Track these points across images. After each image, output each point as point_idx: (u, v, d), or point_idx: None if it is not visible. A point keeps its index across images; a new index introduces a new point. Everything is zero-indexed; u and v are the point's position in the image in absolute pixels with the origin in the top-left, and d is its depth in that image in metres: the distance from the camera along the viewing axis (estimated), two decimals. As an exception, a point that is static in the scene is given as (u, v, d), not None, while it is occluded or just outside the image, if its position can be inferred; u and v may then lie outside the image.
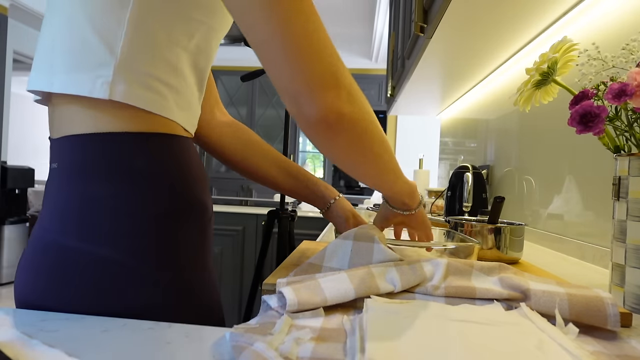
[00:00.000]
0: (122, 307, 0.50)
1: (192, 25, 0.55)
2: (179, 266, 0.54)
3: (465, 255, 0.63)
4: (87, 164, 0.51)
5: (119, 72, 0.50)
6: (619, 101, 0.54)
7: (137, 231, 0.51)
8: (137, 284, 0.51)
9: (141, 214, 0.52)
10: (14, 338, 0.36)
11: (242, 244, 2.33)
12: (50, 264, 0.51)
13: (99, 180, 0.51)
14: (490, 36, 1.24)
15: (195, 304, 0.56)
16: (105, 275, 0.50)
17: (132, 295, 0.51)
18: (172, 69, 0.54)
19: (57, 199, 0.53)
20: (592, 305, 0.44)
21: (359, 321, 0.41)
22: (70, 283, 0.50)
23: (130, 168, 0.51)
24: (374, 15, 4.03)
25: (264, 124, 5.15)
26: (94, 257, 0.50)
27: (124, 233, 0.51)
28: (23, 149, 7.93)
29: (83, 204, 0.51)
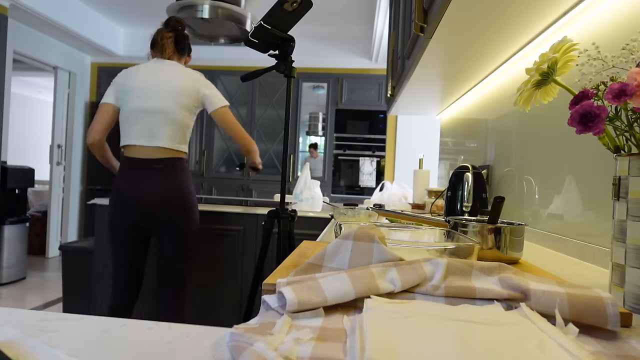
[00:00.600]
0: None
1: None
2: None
3: (465, 255, 0.63)
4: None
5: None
6: (619, 101, 0.54)
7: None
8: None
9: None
10: (14, 338, 0.36)
11: (242, 244, 2.33)
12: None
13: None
14: (490, 36, 1.24)
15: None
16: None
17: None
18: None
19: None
20: (592, 305, 0.44)
21: (359, 321, 0.41)
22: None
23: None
24: (374, 15, 4.03)
25: (264, 124, 5.15)
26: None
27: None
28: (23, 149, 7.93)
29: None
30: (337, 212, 1.42)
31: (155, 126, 1.82)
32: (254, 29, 1.62)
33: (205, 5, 2.46)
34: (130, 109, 1.84)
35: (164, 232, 1.84)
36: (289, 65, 1.71)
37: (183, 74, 1.89)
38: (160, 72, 1.87)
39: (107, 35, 4.95)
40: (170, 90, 1.83)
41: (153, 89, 1.83)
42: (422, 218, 0.93)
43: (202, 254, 2.35)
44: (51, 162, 5.01)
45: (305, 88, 5.21)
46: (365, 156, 5.06)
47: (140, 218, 1.82)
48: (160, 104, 1.82)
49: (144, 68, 1.89)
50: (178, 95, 1.84)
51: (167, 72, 1.87)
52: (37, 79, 7.00)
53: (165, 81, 1.85)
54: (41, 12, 3.94)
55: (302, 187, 2.79)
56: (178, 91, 1.84)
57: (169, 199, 1.80)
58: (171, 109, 1.83)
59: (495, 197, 0.82)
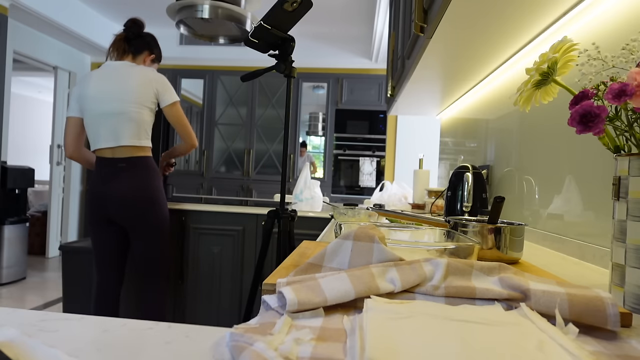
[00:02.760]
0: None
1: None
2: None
3: (465, 255, 0.63)
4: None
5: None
6: (619, 101, 0.54)
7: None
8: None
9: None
10: (14, 338, 0.36)
11: (242, 244, 2.33)
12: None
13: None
14: (490, 36, 1.24)
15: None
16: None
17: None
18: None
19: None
20: (592, 305, 0.44)
21: (359, 321, 0.41)
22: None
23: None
24: (374, 15, 4.03)
25: (264, 124, 5.15)
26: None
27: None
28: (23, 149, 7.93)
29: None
30: (337, 212, 1.42)
31: (115, 127, 1.90)
32: (254, 29, 1.62)
33: (205, 5, 2.46)
34: (91, 115, 1.94)
35: (133, 229, 1.93)
36: (289, 65, 1.71)
37: (134, 73, 1.94)
38: (111, 75, 1.94)
39: (107, 35, 4.95)
40: (123, 91, 1.90)
41: (107, 92, 1.91)
42: (422, 218, 0.93)
43: (201, 254, 2.35)
44: (51, 162, 5.01)
45: (305, 88, 5.20)
46: (365, 156, 5.06)
47: (110, 215, 1.92)
48: (117, 105, 1.90)
49: (96, 74, 1.97)
50: (132, 94, 1.90)
51: (118, 74, 1.94)
52: (37, 79, 7.00)
53: (118, 83, 1.92)
54: (41, 12, 3.94)
55: (302, 187, 2.79)
56: (131, 90, 1.90)
57: (134, 196, 1.89)
58: (127, 109, 1.90)
59: (495, 197, 0.82)
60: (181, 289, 2.36)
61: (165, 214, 1.99)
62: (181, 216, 2.34)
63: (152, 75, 1.96)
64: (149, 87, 1.93)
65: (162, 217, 1.96)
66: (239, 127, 5.16)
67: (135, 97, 1.90)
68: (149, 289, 1.96)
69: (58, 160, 5.05)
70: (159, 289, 1.97)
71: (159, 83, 1.97)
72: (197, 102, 5.35)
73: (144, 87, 1.92)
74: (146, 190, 1.91)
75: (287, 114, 1.73)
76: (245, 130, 5.14)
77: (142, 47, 2.06)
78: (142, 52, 2.07)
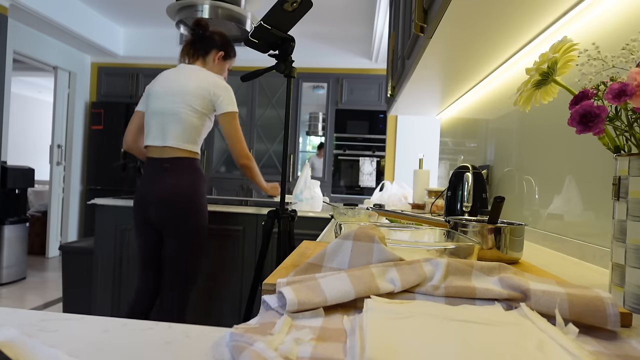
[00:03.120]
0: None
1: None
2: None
3: (465, 255, 0.63)
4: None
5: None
6: (619, 101, 0.54)
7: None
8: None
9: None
10: (14, 338, 0.36)
11: (242, 244, 2.33)
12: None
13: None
14: (490, 36, 1.24)
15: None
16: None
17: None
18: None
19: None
20: (592, 305, 0.44)
21: (359, 321, 0.41)
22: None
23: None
24: (374, 15, 4.03)
25: (264, 124, 5.15)
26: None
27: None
28: (23, 149, 7.93)
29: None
30: (337, 212, 1.42)
31: (165, 126, 1.87)
32: (254, 29, 1.62)
33: (205, 5, 2.46)
34: (149, 111, 1.94)
35: (168, 230, 1.87)
36: (289, 65, 1.71)
37: (195, 75, 1.91)
38: (177, 75, 1.93)
39: (107, 35, 4.95)
40: (180, 92, 1.87)
41: (166, 92, 1.89)
42: (422, 218, 0.93)
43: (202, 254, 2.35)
44: (51, 162, 5.01)
45: (305, 88, 5.20)
46: (365, 156, 5.06)
47: (150, 215, 1.88)
48: (169, 105, 1.87)
49: (166, 73, 1.97)
50: (187, 96, 1.86)
51: (182, 74, 1.92)
52: (37, 79, 7.00)
53: (178, 84, 1.89)
54: (41, 12, 3.94)
55: (302, 187, 2.79)
56: (187, 92, 1.87)
57: (174, 197, 1.84)
58: (177, 109, 1.86)
59: (495, 197, 0.82)
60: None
61: (204, 219, 1.91)
62: (181, 216, 2.34)
63: (212, 80, 1.90)
64: (206, 91, 1.88)
65: (198, 222, 1.88)
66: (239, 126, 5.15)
67: (188, 98, 1.86)
68: (171, 291, 1.88)
69: (58, 160, 5.05)
70: (182, 293, 1.89)
71: (219, 88, 1.90)
72: (197, 102, 5.34)
73: (200, 90, 1.87)
74: (186, 193, 1.84)
75: (287, 114, 1.73)
76: (245, 130, 5.13)
77: (208, 47, 2.01)
78: (210, 52, 2.02)
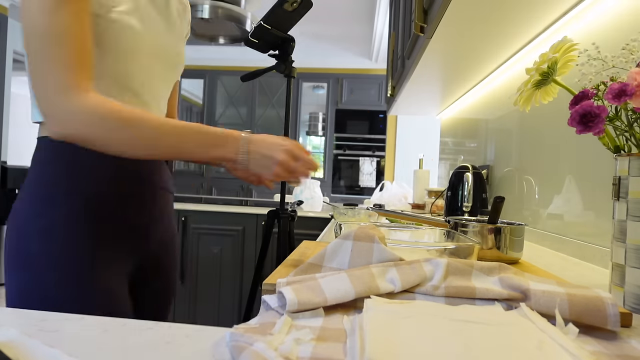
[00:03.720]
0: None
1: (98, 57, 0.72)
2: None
3: (465, 255, 0.63)
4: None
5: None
6: (619, 101, 0.54)
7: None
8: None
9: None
10: (14, 338, 0.36)
11: (242, 244, 2.33)
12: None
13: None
14: (490, 36, 1.24)
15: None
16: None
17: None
18: (98, 88, 0.69)
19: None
20: (592, 305, 0.44)
21: (359, 321, 0.41)
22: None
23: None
24: (374, 15, 4.03)
25: (264, 124, 5.15)
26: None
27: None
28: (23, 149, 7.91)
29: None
30: (337, 212, 1.42)
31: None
32: (254, 29, 1.62)
33: (205, 5, 2.45)
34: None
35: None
36: (289, 65, 1.71)
37: None
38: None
39: (107, 35, 4.95)
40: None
41: None
42: (422, 218, 0.93)
43: (201, 254, 2.34)
44: (51, 162, 5.01)
45: (305, 88, 5.20)
46: (365, 156, 5.06)
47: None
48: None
49: None
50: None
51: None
52: (37, 79, 6.99)
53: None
54: (41, 12, 3.94)
55: (302, 187, 2.79)
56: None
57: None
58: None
59: (495, 197, 0.82)
60: (181, 289, 2.36)
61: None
62: (181, 216, 2.34)
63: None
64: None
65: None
66: (239, 127, 5.16)
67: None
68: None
69: (58, 160, 5.05)
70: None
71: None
72: (197, 102, 5.35)
73: None
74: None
75: (287, 114, 1.73)
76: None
77: None
78: None
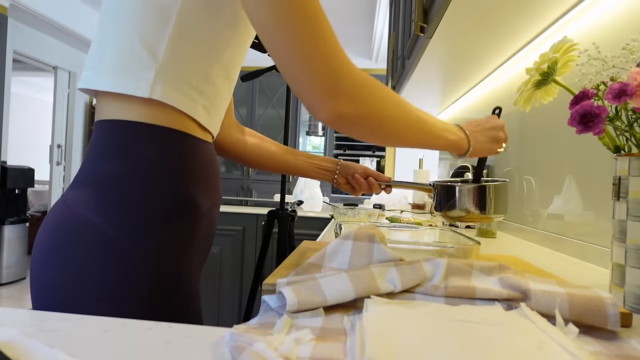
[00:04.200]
0: (101, 275, 0.55)
1: (223, 40, 0.62)
2: (159, 256, 0.58)
3: (466, 255, 0.63)
4: (101, 143, 0.59)
5: (159, 76, 0.58)
6: (619, 101, 0.54)
7: (125, 208, 0.57)
8: (116, 258, 0.56)
9: (132, 193, 0.57)
10: (14, 338, 0.36)
11: (242, 244, 2.33)
12: (56, 224, 0.58)
13: (107, 157, 0.58)
14: (490, 36, 1.24)
15: (167, 301, 0.59)
16: (93, 242, 0.56)
17: (110, 267, 0.56)
18: (204, 77, 0.62)
19: (78, 172, 0.61)
20: (592, 305, 0.44)
21: (359, 321, 0.41)
22: (67, 241, 0.56)
23: (133, 151, 0.58)
24: (374, 15, 4.03)
25: (264, 124, 5.15)
26: (87, 223, 0.56)
27: (114, 207, 0.56)
28: (23, 149, 7.92)
29: (89, 176, 0.59)
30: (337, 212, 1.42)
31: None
32: (254, 29, 1.61)
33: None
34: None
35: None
36: (289, 65, 1.71)
37: None
38: None
39: (107, 35, 4.95)
40: None
41: None
42: (406, 183, 0.97)
43: (202, 254, 2.35)
44: (51, 162, 5.01)
45: (305, 88, 5.19)
46: (365, 156, 5.05)
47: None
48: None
49: None
50: None
51: None
52: (37, 79, 7.00)
53: None
54: (41, 12, 3.94)
55: (302, 187, 2.79)
56: None
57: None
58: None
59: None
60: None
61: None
62: (181, 216, 2.34)
63: None
64: None
65: None
66: (239, 127, 5.16)
67: None
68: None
69: (58, 160, 5.05)
70: None
71: None
72: (197, 102, 5.33)
73: None
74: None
75: (287, 114, 1.73)
76: (245, 130, 5.13)
77: None
78: None
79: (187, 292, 0.62)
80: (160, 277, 0.58)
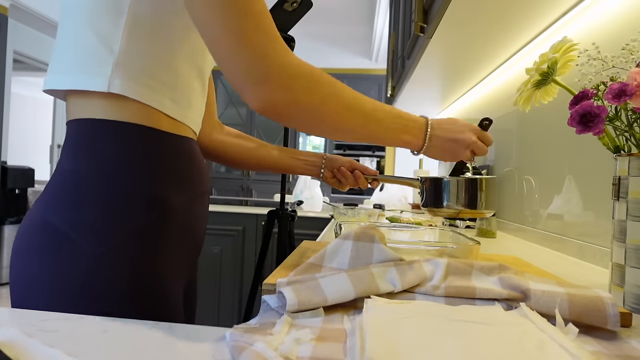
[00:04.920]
0: (61, 274, 0.54)
1: (179, 29, 0.60)
2: (118, 254, 0.56)
3: (466, 255, 0.63)
4: (67, 143, 0.60)
5: (117, 69, 0.57)
6: (619, 101, 0.54)
7: (82, 206, 0.56)
8: (71, 255, 0.55)
9: (90, 191, 0.57)
10: (14, 338, 0.36)
11: (242, 244, 2.33)
12: (22, 225, 0.60)
13: (70, 157, 0.59)
14: (490, 36, 1.24)
15: (126, 302, 0.56)
16: (50, 241, 0.55)
17: (64, 265, 0.54)
18: (167, 68, 0.60)
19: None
20: (592, 305, 0.44)
21: (359, 321, 0.41)
22: (32, 245, 0.57)
23: (94, 149, 0.58)
24: (374, 15, 4.03)
25: (264, 124, 5.15)
26: (44, 222, 0.56)
27: (70, 205, 0.56)
28: (23, 149, 7.92)
29: (54, 176, 0.59)
30: (337, 212, 1.42)
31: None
32: (254, 29, 1.61)
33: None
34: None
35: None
36: (289, 65, 1.71)
37: None
38: None
39: (107, 35, 4.95)
40: None
41: None
42: (396, 178, 0.95)
43: (201, 254, 2.35)
44: (51, 162, 5.02)
45: (305, 88, 5.20)
46: (365, 156, 5.05)
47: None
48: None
49: None
50: None
51: None
52: (37, 79, 7.00)
53: None
54: (41, 12, 3.94)
55: (302, 187, 2.79)
56: None
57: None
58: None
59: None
60: (181, 289, 2.36)
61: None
62: (181, 216, 2.34)
63: None
64: None
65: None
66: (239, 127, 5.16)
67: None
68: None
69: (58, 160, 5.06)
70: None
71: None
72: (197, 102, 5.34)
73: None
74: None
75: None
76: (245, 130, 5.12)
77: None
78: None
79: (155, 295, 0.59)
80: (122, 276, 0.56)
